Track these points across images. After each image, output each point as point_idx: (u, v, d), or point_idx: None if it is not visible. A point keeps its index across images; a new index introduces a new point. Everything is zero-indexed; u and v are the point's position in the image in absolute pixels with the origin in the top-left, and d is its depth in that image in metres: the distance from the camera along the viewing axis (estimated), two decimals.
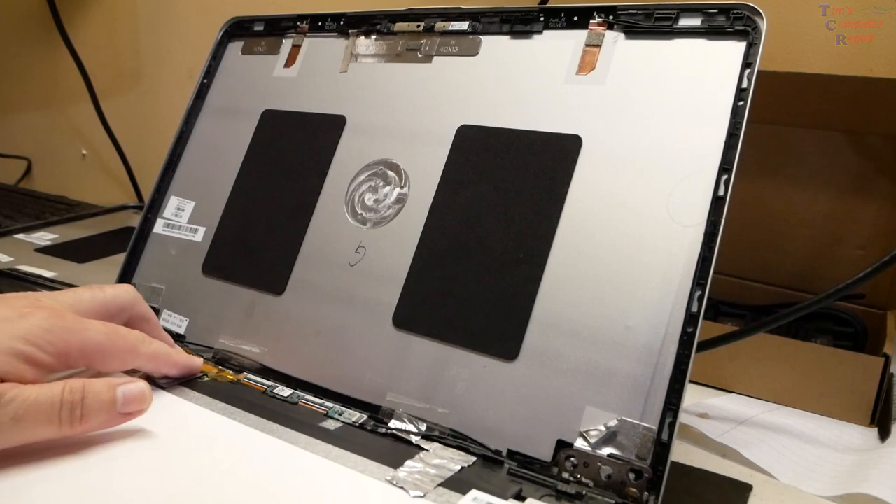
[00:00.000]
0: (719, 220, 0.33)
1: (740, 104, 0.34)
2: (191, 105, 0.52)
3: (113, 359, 0.34)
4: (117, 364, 0.34)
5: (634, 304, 0.33)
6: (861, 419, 0.45)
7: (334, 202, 0.44)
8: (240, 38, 0.53)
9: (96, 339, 0.33)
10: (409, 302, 0.39)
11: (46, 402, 0.29)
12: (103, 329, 0.33)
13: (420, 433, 0.35)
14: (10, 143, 1.10)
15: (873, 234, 0.55)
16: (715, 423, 0.44)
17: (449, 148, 0.41)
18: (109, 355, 0.33)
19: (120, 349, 0.34)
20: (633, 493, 0.30)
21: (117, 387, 0.32)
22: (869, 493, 0.35)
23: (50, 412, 0.29)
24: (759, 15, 0.35)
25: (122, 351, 0.34)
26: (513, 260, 0.37)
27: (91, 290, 0.36)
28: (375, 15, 0.47)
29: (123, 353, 0.34)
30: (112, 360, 0.34)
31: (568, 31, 0.40)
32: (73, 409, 0.30)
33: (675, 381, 0.31)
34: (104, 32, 0.99)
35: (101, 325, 0.33)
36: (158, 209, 0.50)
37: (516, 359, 0.35)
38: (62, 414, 0.30)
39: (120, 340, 0.34)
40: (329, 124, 0.46)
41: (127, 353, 0.34)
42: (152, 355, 0.36)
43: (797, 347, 0.47)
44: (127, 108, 0.97)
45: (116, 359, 0.34)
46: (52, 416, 0.30)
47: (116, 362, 0.34)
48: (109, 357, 0.33)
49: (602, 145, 0.37)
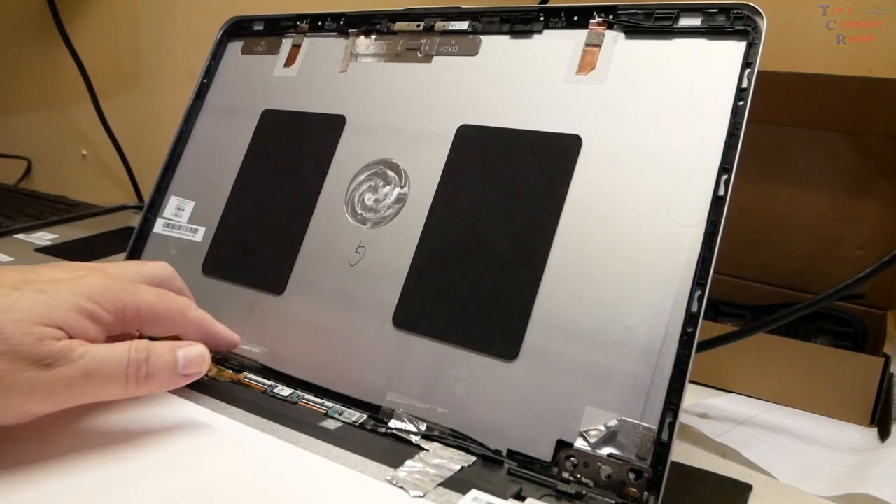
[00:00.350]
0: (719, 220, 0.33)
1: (740, 104, 0.34)
2: (191, 105, 0.52)
3: (163, 321, 0.35)
4: (167, 326, 0.35)
5: (634, 304, 0.33)
6: (861, 419, 0.45)
7: (334, 202, 0.44)
8: (240, 37, 0.53)
9: (150, 299, 0.34)
10: (409, 302, 0.39)
11: (115, 359, 0.30)
12: (155, 292, 0.35)
13: (420, 433, 0.35)
14: (10, 143, 1.10)
15: (873, 234, 0.55)
16: (715, 423, 0.44)
17: (449, 148, 0.41)
18: (160, 317, 0.35)
19: (171, 311, 0.35)
20: (633, 493, 0.30)
21: (178, 349, 0.33)
22: (869, 493, 0.35)
23: (118, 369, 0.30)
24: (759, 15, 0.35)
25: (172, 313, 0.35)
26: (513, 260, 0.37)
27: (134, 264, 0.38)
28: (375, 15, 0.47)
29: (173, 315, 0.35)
30: (162, 323, 0.35)
31: (568, 31, 0.40)
32: (139, 368, 0.31)
33: (675, 381, 0.31)
34: (104, 32, 0.99)
35: (152, 289, 0.35)
36: (158, 209, 0.50)
37: (516, 359, 0.35)
38: (129, 372, 0.31)
39: (171, 303, 0.35)
40: (329, 124, 0.46)
41: (176, 315, 0.35)
42: (197, 320, 0.37)
43: (797, 347, 0.47)
44: (127, 108, 0.97)
45: (166, 321, 0.35)
46: (120, 373, 0.30)
47: (166, 325, 0.35)
48: (160, 319, 0.35)
49: (602, 145, 0.37)
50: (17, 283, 0.30)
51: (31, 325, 0.29)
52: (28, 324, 0.29)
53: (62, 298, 0.30)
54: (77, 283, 0.31)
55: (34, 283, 0.30)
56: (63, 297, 0.30)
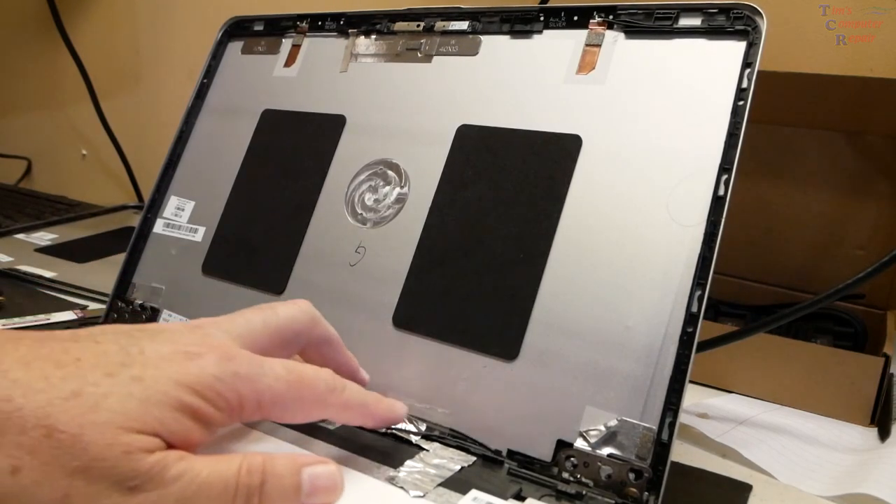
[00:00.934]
0: (719, 220, 0.33)
1: (740, 104, 0.34)
2: (191, 105, 0.52)
3: (294, 412, 0.28)
4: (299, 417, 0.28)
5: (634, 304, 0.33)
6: (861, 419, 0.45)
7: (334, 202, 0.44)
8: (240, 37, 0.53)
9: (276, 388, 0.26)
10: (409, 302, 0.39)
11: (220, 484, 0.24)
12: (283, 374, 0.27)
13: (420, 433, 0.35)
14: (10, 143, 1.10)
15: (873, 234, 0.55)
16: (715, 423, 0.44)
17: (449, 148, 0.41)
18: (290, 408, 0.27)
19: (304, 401, 0.27)
20: (633, 493, 0.30)
21: (303, 468, 0.26)
22: (869, 493, 0.35)
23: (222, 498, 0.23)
24: (759, 15, 0.35)
25: (307, 403, 0.28)
26: (513, 260, 0.37)
27: (263, 313, 0.29)
28: (375, 15, 0.47)
29: (308, 405, 0.28)
30: (293, 414, 0.28)
31: (568, 31, 0.40)
32: (249, 497, 0.24)
33: (675, 381, 0.31)
34: (104, 32, 0.99)
35: (281, 369, 0.27)
36: (158, 209, 0.50)
37: (516, 359, 0.35)
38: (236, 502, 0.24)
39: (305, 390, 0.27)
40: (329, 124, 0.46)
41: (312, 405, 0.28)
42: (344, 405, 0.29)
43: (797, 347, 0.47)
44: (127, 108, 0.97)
45: (298, 412, 0.28)
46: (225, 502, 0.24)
47: (298, 415, 0.28)
48: (290, 410, 0.27)
49: (602, 145, 0.37)
50: (113, 366, 0.24)
51: (118, 432, 0.22)
52: (115, 429, 0.22)
53: (161, 389, 0.24)
54: (183, 367, 0.25)
55: (131, 367, 0.24)
56: (163, 386, 0.24)
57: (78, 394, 0.22)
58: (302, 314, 0.31)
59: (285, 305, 0.30)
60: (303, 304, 0.31)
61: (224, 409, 0.25)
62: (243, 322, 0.28)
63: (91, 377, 0.23)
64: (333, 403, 0.28)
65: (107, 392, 0.23)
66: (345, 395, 0.29)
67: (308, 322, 0.31)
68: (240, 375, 0.25)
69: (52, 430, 0.21)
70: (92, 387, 0.23)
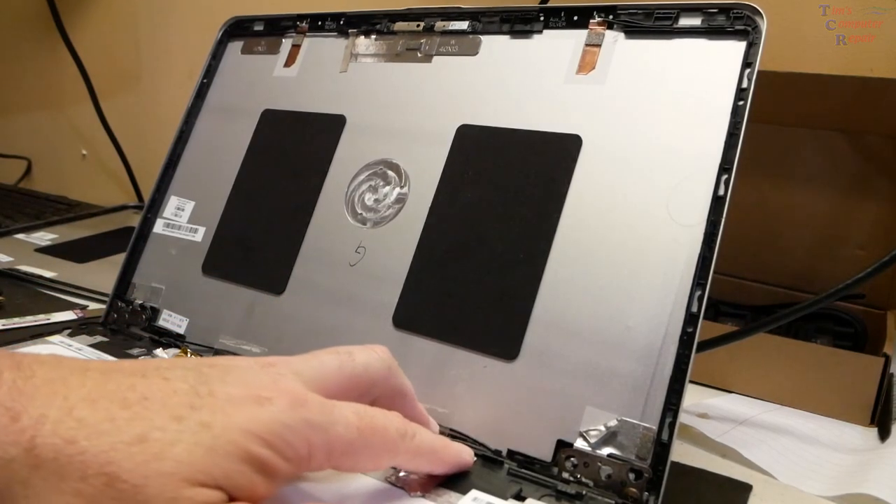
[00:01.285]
0: (719, 219, 0.33)
1: (740, 104, 0.34)
2: (191, 105, 0.52)
3: (365, 461, 0.26)
4: (369, 465, 0.27)
5: (634, 304, 0.33)
6: (861, 419, 0.45)
7: (334, 202, 0.44)
8: (240, 37, 0.53)
9: (347, 437, 0.25)
10: (409, 302, 0.39)
11: None
12: (355, 421, 0.25)
13: None
14: (10, 143, 1.10)
15: (873, 234, 0.55)
16: (715, 423, 0.44)
17: (449, 148, 0.41)
18: (361, 457, 0.26)
19: (375, 448, 0.26)
20: (633, 493, 0.30)
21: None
22: (869, 493, 0.35)
23: None
24: (759, 15, 0.35)
25: (378, 451, 0.26)
26: (513, 260, 0.37)
27: (339, 357, 0.28)
28: (375, 14, 0.47)
29: (378, 452, 0.26)
30: (363, 462, 0.26)
31: (568, 31, 0.40)
32: None
33: (675, 381, 0.31)
34: (104, 32, 0.99)
35: (352, 416, 0.25)
36: (158, 209, 0.50)
37: (516, 359, 0.35)
38: None
39: (376, 438, 0.26)
40: (329, 124, 0.46)
41: (383, 452, 0.27)
42: (415, 452, 0.28)
43: (797, 347, 0.47)
44: (127, 108, 0.97)
45: (369, 460, 0.26)
46: None
47: (368, 464, 0.27)
48: (360, 459, 0.26)
49: (602, 145, 0.37)
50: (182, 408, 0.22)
51: (181, 484, 0.21)
52: (179, 481, 0.21)
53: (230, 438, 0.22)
54: (254, 413, 0.23)
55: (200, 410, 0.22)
56: (232, 435, 0.22)
57: (144, 439, 0.21)
58: (380, 363, 0.29)
59: (363, 351, 0.29)
60: (381, 352, 0.29)
61: (293, 460, 0.23)
62: (317, 364, 0.27)
63: (158, 421, 0.22)
64: (404, 451, 0.27)
65: (174, 440, 0.21)
66: (416, 442, 0.28)
67: (385, 372, 0.29)
68: (311, 424, 0.24)
69: (114, 478, 0.20)
70: (159, 432, 0.21)
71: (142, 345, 0.43)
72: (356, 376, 0.28)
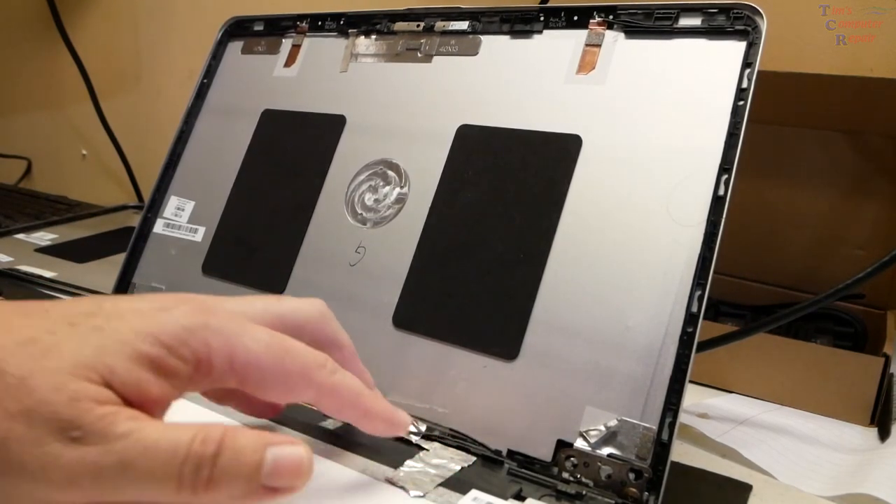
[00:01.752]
0: (719, 220, 0.33)
1: (740, 104, 0.34)
2: (191, 105, 0.52)
3: (273, 383, 0.24)
4: (279, 391, 0.25)
5: (634, 304, 0.33)
6: (861, 419, 0.45)
7: (334, 202, 0.44)
8: (240, 37, 0.53)
9: (253, 348, 0.24)
10: (409, 302, 0.39)
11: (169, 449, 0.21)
12: (265, 338, 0.24)
13: (420, 433, 0.35)
14: (10, 143, 1.10)
15: (873, 234, 0.55)
16: (715, 423, 0.44)
17: (449, 148, 0.41)
18: (269, 378, 0.24)
19: (286, 370, 0.24)
20: (633, 493, 0.30)
21: (268, 447, 0.22)
22: (869, 493, 0.35)
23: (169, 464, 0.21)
24: (759, 15, 0.35)
25: (290, 375, 0.25)
26: (513, 260, 0.37)
27: (265, 300, 0.27)
28: (375, 14, 0.47)
29: (291, 377, 0.25)
30: (272, 385, 0.24)
31: (568, 31, 0.40)
32: (199, 468, 0.21)
33: (675, 381, 0.31)
34: (104, 32, 0.99)
35: (263, 332, 0.24)
36: (158, 209, 0.50)
37: (516, 359, 0.35)
38: (184, 471, 0.21)
39: (287, 357, 0.24)
40: (329, 124, 0.46)
41: (297, 378, 0.25)
42: (333, 388, 0.26)
43: (797, 347, 0.47)
44: (127, 108, 0.97)
45: (278, 384, 0.25)
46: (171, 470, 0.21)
47: (278, 388, 0.25)
48: (268, 380, 0.24)
49: (602, 145, 0.37)
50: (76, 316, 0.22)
51: (67, 378, 0.21)
52: (65, 374, 0.21)
53: (120, 339, 0.22)
54: (149, 320, 0.22)
55: (97, 317, 0.22)
56: (122, 336, 0.22)
57: (34, 341, 0.21)
58: (310, 306, 0.28)
59: (295, 298, 0.28)
60: (315, 301, 0.28)
61: (189, 361, 0.22)
62: (244, 302, 0.26)
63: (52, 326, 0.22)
64: (321, 383, 0.25)
65: (63, 340, 0.21)
66: (335, 378, 0.26)
67: (316, 316, 0.28)
68: (212, 327, 0.23)
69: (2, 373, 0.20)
70: (50, 335, 0.21)
71: None
72: (282, 316, 0.27)
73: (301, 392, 0.25)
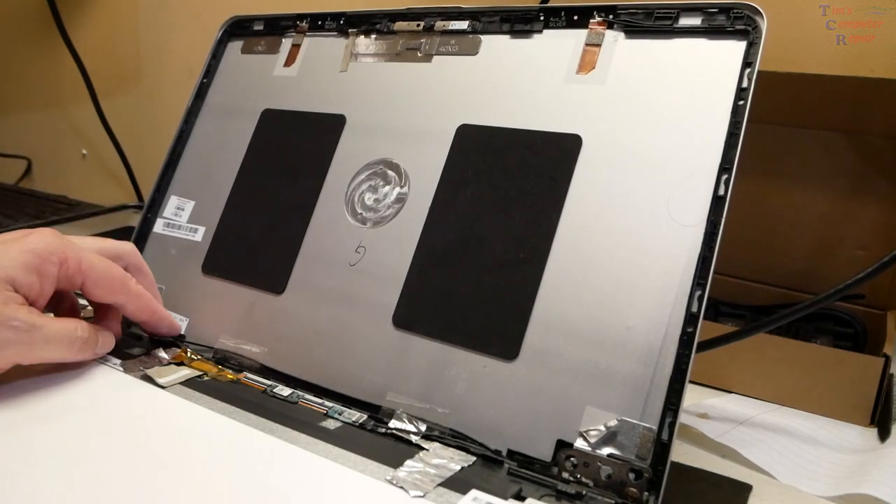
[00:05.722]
0: (719, 220, 0.33)
1: (740, 104, 0.34)
2: (191, 104, 0.52)
3: (103, 288, 0.38)
4: (106, 291, 0.38)
5: (634, 304, 0.33)
6: (861, 419, 0.45)
7: (334, 202, 0.44)
8: (239, 37, 0.53)
9: (93, 259, 0.37)
10: (409, 302, 0.39)
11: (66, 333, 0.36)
12: (96, 256, 0.38)
13: (420, 433, 0.35)
14: (10, 143, 1.10)
15: (873, 235, 0.55)
16: (715, 423, 0.44)
17: (449, 147, 0.41)
18: (102, 279, 0.38)
19: (112, 277, 0.38)
20: (633, 493, 0.30)
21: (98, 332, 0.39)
22: (869, 494, 0.35)
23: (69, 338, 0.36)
24: (759, 14, 0.35)
25: (114, 279, 0.38)
26: (513, 260, 0.37)
27: (93, 238, 0.40)
28: (375, 14, 0.47)
29: (114, 281, 0.38)
30: (102, 289, 0.38)
31: (568, 31, 0.40)
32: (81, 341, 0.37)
33: (675, 381, 0.31)
34: (104, 32, 0.99)
35: (97, 255, 0.38)
36: (158, 209, 0.50)
37: (516, 359, 0.35)
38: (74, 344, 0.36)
39: (114, 269, 0.38)
40: (329, 124, 0.46)
41: (117, 283, 0.38)
42: (138, 294, 0.40)
43: (797, 347, 0.47)
44: (127, 108, 0.97)
45: (106, 286, 0.38)
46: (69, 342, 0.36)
47: (105, 291, 0.38)
48: (100, 285, 0.38)
49: (602, 145, 0.37)
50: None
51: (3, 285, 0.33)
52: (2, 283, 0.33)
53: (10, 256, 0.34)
54: (23, 242, 0.35)
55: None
56: (11, 255, 0.34)
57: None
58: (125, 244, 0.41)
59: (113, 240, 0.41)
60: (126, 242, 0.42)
61: (55, 265, 0.35)
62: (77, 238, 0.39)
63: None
64: (129, 288, 0.39)
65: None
66: (137, 287, 0.40)
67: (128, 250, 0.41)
68: (66, 244, 0.36)
69: None
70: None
71: (141, 344, 0.43)
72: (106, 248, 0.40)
73: (118, 294, 0.39)
